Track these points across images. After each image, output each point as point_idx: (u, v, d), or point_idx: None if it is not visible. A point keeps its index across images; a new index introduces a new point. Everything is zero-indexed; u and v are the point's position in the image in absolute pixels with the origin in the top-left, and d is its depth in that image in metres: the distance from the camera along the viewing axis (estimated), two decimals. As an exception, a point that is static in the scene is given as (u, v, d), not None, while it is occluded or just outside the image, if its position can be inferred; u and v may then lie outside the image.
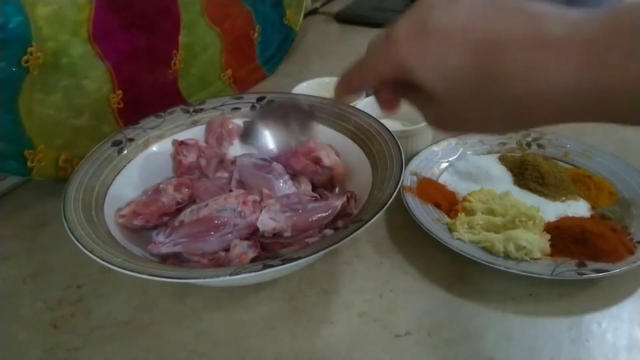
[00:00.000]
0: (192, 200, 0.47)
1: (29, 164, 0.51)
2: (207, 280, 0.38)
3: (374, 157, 0.46)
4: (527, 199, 0.49)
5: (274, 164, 0.48)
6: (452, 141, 0.57)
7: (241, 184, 0.47)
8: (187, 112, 0.54)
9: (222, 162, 0.49)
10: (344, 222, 0.42)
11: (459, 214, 0.47)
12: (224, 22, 0.70)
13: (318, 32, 0.98)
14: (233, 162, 0.48)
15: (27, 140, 0.50)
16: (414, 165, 0.53)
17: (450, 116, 0.28)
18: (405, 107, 0.32)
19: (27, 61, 0.48)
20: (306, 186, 0.48)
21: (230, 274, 0.34)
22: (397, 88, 0.31)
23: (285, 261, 0.34)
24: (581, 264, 0.41)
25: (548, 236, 0.44)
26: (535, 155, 0.55)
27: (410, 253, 0.46)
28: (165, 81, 0.65)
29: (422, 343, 0.38)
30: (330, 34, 0.98)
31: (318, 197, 0.46)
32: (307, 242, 0.41)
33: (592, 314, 0.39)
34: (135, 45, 0.59)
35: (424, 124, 0.55)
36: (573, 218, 0.47)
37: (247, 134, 0.44)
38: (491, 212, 0.47)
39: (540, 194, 0.51)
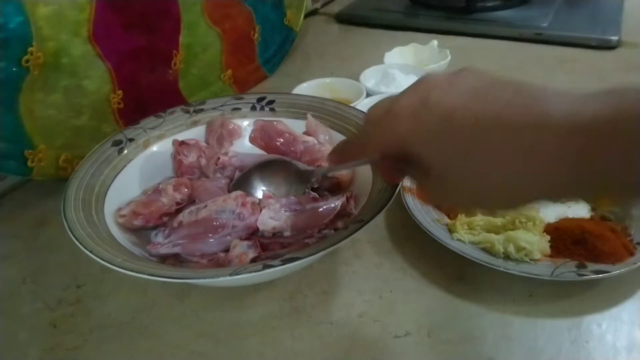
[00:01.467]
0: (191, 200, 0.47)
1: (29, 163, 0.51)
2: (207, 280, 0.38)
3: None
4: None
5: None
6: None
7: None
8: (188, 112, 0.54)
9: (218, 160, 0.49)
10: (344, 222, 0.42)
11: (459, 215, 0.47)
12: (224, 23, 0.70)
13: (318, 33, 0.98)
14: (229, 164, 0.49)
15: (27, 140, 0.50)
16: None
17: (448, 191, 0.28)
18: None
19: (27, 61, 0.48)
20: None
21: (230, 274, 0.34)
22: (395, 162, 0.31)
23: (285, 261, 0.34)
24: (581, 265, 0.41)
25: (548, 237, 0.44)
26: None
27: (410, 254, 0.46)
28: (166, 81, 0.65)
29: (422, 344, 0.38)
30: (330, 34, 0.98)
31: (318, 197, 0.46)
32: (306, 243, 0.41)
33: (592, 315, 0.39)
34: (136, 45, 0.59)
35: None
36: (573, 219, 0.47)
37: (238, 185, 0.45)
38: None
39: None
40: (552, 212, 0.48)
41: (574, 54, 0.81)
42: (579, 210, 0.49)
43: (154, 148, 0.51)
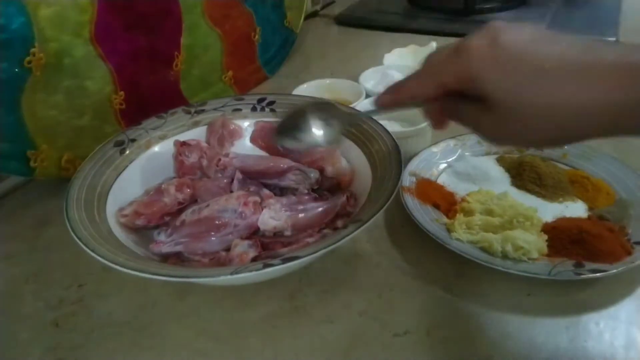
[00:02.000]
0: (193, 200, 0.47)
1: (31, 164, 0.51)
2: (208, 279, 0.39)
3: (374, 157, 0.46)
4: (524, 200, 0.49)
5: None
6: (451, 142, 0.57)
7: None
8: (189, 113, 0.54)
9: (219, 162, 0.49)
10: (344, 221, 0.43)
11: (458, 215, 0.48)
12: (224, 24, 0.71)
13: (318, 35, 0.98)
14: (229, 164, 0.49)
15: (29, 141, 0.51)
16: (413, 165, 0.54)
17: (508, 128, 0.30)
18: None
19: (29, 62, 0.49)
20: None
21: (231, 273, 0.34)
22: (450, 102, 0.33)
23: (285, 261, 0.35)
24: (578, 264, 0.41)
25: (545, 237, 0.44)
26: (533, 156, 0.55)
27: (409, 253, 0.46)
28: (167, 82, 0.65)
29: (421, 342, 0.38)
30: (330, 36, 0.99)
31: (318, 197, 0.47)
32: (307, 242, 0.41)
33: (590, 314, 0.40)
34: (137, 46, 0.59)
35: (422, 125, 0.55)
36: (570, 219, 0.47)
37: (288, 127, 0.42)
38: (489, 212, 0.47)
39: (538, 195, 0.51)
40: (549, 212, 0.49)
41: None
42: (577, 210, 0.49)
43: (156, 148, 0.51)
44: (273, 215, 0.43)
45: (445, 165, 0.56)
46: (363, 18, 1.00)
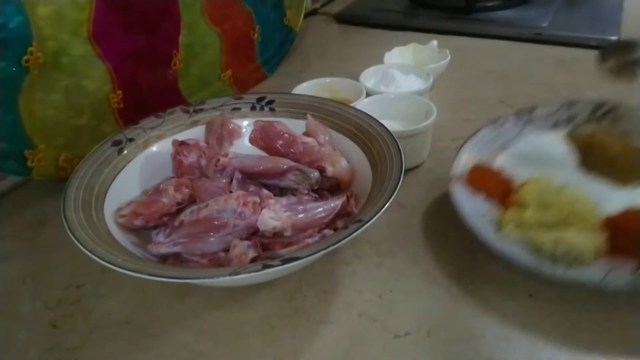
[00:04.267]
0: (192, 200, 0.47)
1: (29, 163, 0.51)
2: (207, 280, 0.38)
3: (374, 157, 0.46)
4: (590, 187, 0.43)
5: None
6: (511, 117, 0.50)
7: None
8: (187, 112, 0.54)
9: (218, 162, 0.49)
10: (344, 222, 0.42)
11: (510, 209, 0.43)
12: (224, 23, 0.71)
13: (318, 33, 0.98)
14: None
15: (27, 140, 0.51)
16: (468, 148, 0.47)
17: None
18: (405, 108, 0.32)
19: (27, 61, 0.48)
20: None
21: (230, 274, 0.34)
22: None
23: (284, 261, 0.34)
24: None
25: (604, 235, 0.39)
26: (606, 132, 0.46)
27: (409, 253, 0.46)
28: (166, 81, 0.65)
29: (422, 343, 0.38)
30: (330, 34, 0.98)
31: (318, 197, 0.46)
32: (306, 243, 0.41)
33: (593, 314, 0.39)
34: (136, 45, 0.59)
35: (423, 125, 0.55)
36: (634, 211, 0.41)
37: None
38: (545, 206, 0.42)
39: (608, 179, 0.44)
40: (618, 200, 0.42)
41: (573, 54, 0.81)
42: None
43: (154, 148, 0.51)
44: (273, 216, 0.43)
45: (503, 144, 0.49)
46: (363, 16, 1.00)
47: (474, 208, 0.42)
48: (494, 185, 0.44)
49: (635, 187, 0.43)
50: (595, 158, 0.45)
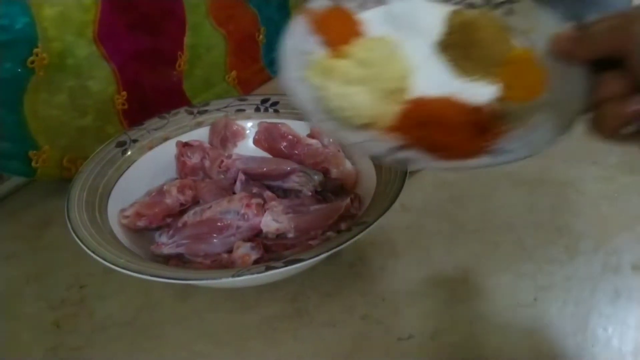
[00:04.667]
0: (195, 201, 0.47)
1: (33, 164, 0.51)
2: (209, 281, 0.38)
3: None
4: (435, 67, 0.38)
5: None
6: None
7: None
8: (192, 113, 0.54)
9: (222, 164, 0.49)
10: (348, 224, 0.42)
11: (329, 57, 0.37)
12: (229, 24, 0.71)
13: (323, 35, 0.98)
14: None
15: (31, 141, 0.51)
16: None
17: None
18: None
19: (32, 62, 0.48)
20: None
21: (233, 276, 0.34)
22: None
23: (287, 263, 0.34)
24: (401, 148, 0.32)
25: (394, 109, 0.35)
26: (486, 18, 0.41)
27: (413, 256, 0.46)
28: (170, 82, 0.65)
29: (425, 346, 0.38)
30: (335, 36, 0.98)
31: (322, 198, 0.46)
32: (310, 244, 0.41)
33: (598, 320, 0.39)
34: (140, 46, 0.59)
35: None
36: (452, 99, 0.36)
37: None
38: (363, 64, 0.37)
39: (453, 64, 0.39)
40: (447, 87, 0.37)
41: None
42: (479, 92, 0.37)
43: (158, 149, 0.51)
44: (276, 217, 0.42)
45: None
46: (368, 18, 1.00)
47: (300, 44, 0.38)
48: (338, 33, 0.39)
49: (471, 81, 0.38)
50: (454, 38, 0.40)
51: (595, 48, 0.31)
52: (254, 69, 0.78)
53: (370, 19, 0.41)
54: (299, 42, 0.38)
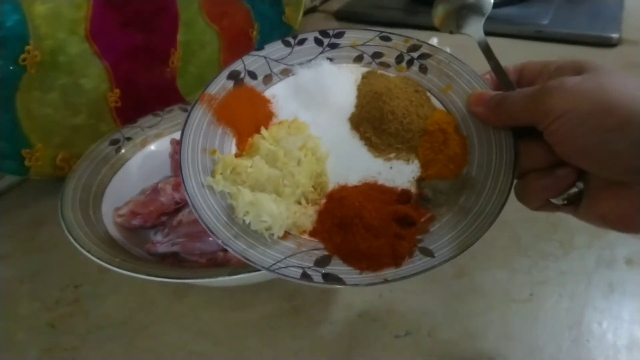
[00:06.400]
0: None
1: (26, 163, 0.51)
2: (205, 280, 0.38)
3: None
4: (349, 147, 0.36)
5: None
6: (312, 36, 0.40)
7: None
8: (186, 110, 0.54)
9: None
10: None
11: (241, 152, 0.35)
12: (222, 20, 0.70)
13: (317, 30, 0.97)
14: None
15: (24, 139, 0.50)
16: (243, 62, 0.38)
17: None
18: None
19: (24, 59, 0.48)
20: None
21: (229, 274, 0.34)
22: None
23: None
24: (322, 261, 0.30)
25: (312, 211, 0.33)
26: (400, 81, 0.38)
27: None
28: (164, 79, 0.64)
29: (422, 343, 0.38)
30: (329, 32, 0.98)
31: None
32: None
33: (593, 314, 0.39)
34: (133, 43, 0.59)
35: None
36: (366, 189, 0.34)
37: None
38: (274, 157, 0.34)
39: (367, 142, 0.37)
40: (365, 170, 0.36)
41: (574, 52, 0.80)
42: (401, 174, 0.35)
43: (152, 147, 0.51)
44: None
45: (288, 68, 0.39)
46: (362, 13, 0.99)
47: (202, 139, 0.34)
48: (244, 120, 0.36)
49: (390, 159, 0.36)
50: (366, 112, 0.37)
51: (511, 117, 0.31)
52: (248, 65, 0.78)
53: (279, 95, 0.38)
54: (200, 138, 0.34)
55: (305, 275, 0.29)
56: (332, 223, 0.32)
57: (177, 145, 0.49)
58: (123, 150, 0.48)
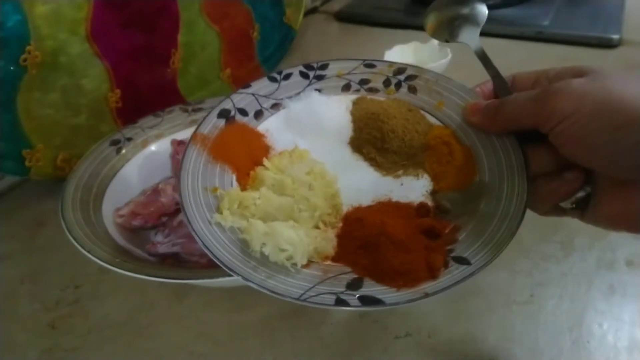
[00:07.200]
0: (190, 200, 0.47)
1: (27, 163, 0.51)
2: (206, 281, 0.38)
3: None
4: (354, 171, 0.36)
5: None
6: (298, 70, 0.41)
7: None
8: (186, 111, 0.54)
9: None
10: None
11: (243, 186, 0.34)
12: (223, 21, 0.70)
13: (318, 31, 0.98)
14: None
15: (25, 140, 0.50)
16: (232, 101, 0.38)
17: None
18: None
19: (25, 60, 0.48)
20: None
21: (229, 275, 0.33)
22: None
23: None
24: (354, 284, 0.29)
25: (332, 235, 0.32)
26: (392, 103, 0.39)
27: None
28: (164, 80, 0.64)
29: (423, 344, 0.38)
30: (330, 33, 0.98)
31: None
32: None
33: (593, 315, 0.39)
34: (134, 44, 0.59)
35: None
36: (382, 208, 0.34)
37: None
38: (282, 187, 0.34)
39: (372, 162, 0.37)
40: (376, 190, 0.35)
41: (575, 53, 0.80)
42: (413, 190, 0.35)
43: (153, 147, 0.51)
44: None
45: (278, 102, 0.39)
46: (363, 14, 0.99)
47: (201, 179, 0.33)
48: (242, 155, 0.36)
49: (399, 176, 0.36)
50: (365, 134, 0.37)
51: (512, 122, 0.31)
52: (249, 66, 0.78)
53: (272, 129, 0.38)
54: (199, 177, 0.33)
55: (340, 301, 0.27)
56: (355, 245, 0.31)
57: (178, 145, 0.50)
58: (123, 151, 0.48)
